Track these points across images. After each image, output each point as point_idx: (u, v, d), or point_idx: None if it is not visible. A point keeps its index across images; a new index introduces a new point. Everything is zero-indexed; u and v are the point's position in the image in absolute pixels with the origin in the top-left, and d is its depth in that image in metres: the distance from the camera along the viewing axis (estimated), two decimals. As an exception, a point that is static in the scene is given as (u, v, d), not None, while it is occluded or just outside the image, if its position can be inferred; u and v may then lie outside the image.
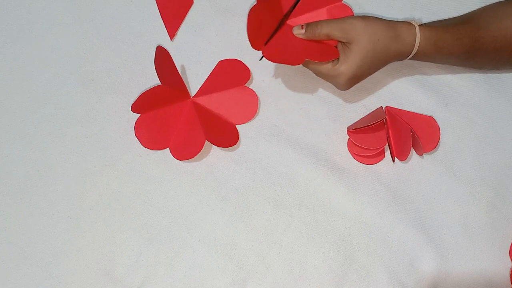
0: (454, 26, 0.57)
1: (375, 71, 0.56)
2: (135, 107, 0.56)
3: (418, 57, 0.56)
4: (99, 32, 0.64)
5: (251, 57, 0.63)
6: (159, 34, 0.64)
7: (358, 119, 0.62)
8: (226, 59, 0.61)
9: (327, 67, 0.54)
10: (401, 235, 0.58)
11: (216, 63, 0.61)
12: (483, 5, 0.61)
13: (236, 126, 0.60)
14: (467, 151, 0.62)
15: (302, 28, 0.55)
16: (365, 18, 0.54)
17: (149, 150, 0.59)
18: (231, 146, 0.59)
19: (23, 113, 0.60)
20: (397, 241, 0.58)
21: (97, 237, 0.56)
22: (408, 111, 0.61)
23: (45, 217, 0.57)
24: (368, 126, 0.57)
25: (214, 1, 0.66)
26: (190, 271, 0.56)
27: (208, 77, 0.61)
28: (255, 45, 0.52)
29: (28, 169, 0.58)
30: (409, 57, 0.56)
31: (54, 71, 0.62)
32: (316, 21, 0.55)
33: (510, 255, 0.58)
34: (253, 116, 0.61)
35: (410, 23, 0.55)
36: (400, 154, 0.58)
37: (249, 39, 0.52)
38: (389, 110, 0.61)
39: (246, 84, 0.61)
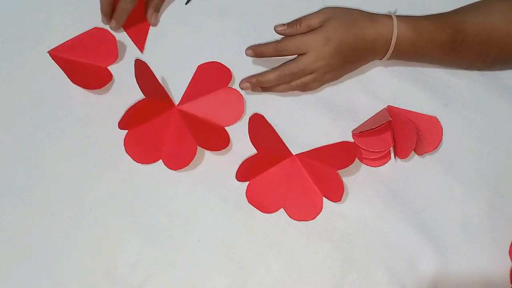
0: (435, 16, 0.58)
1: (354, 53, 0.57)
2: (122, 124, 0.56)
3: (401, 45, 0.56)
4: (99, 32, 0.64)
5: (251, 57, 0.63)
6: (159, 35, 0.64)
7: (359, 120, 0.62)
8: (205, 63, 0.61)
9: (305, 35, 0.57)
10: (401, 235, 0.58)
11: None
12: None
13: (230, 126, 0.60)
14: (467, 151, 0.62)
15: (284, 26, 0.58)
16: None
17: (149, 150, 0.59)
18: (223, 148, 0.58)
19: (23, 113, 0.61)
20: (397, 241, 0.58)
21: (97, 237, 0.56)
22: (410, 111, 0.61)
23: (45, 217, 0.57)
24: (372, 129, 0.57)
25: (214, 1, 0.66)
26: (190, 271, 0.56)
27: (190, 83, 0.61)
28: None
29: (28, 169, 0.58)
30: (392, 43, 0.56)
31: (54, 71, 0.62)
32: (297, 18, 0.58)
33: (510, 255, 0.58)
34: (241, 115, 0.60)
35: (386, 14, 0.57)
36: (401, 152, 0.58)
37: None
38: (391, 109, 0.61)
39: (229, 85, 0.61)
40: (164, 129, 0.59)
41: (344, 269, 0.56)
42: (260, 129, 0.56)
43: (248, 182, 0.58)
